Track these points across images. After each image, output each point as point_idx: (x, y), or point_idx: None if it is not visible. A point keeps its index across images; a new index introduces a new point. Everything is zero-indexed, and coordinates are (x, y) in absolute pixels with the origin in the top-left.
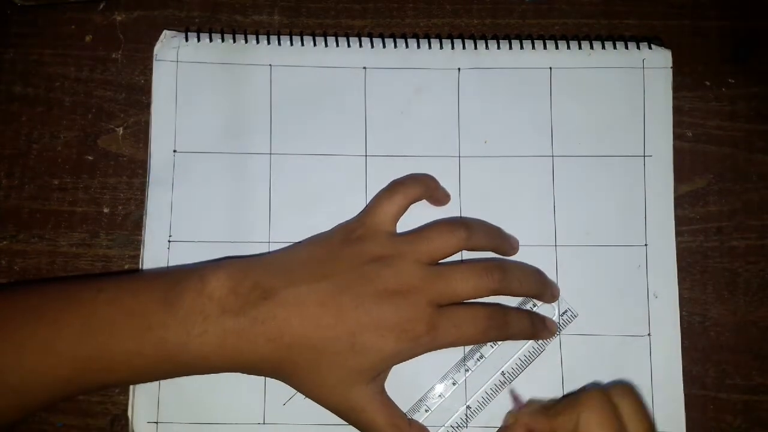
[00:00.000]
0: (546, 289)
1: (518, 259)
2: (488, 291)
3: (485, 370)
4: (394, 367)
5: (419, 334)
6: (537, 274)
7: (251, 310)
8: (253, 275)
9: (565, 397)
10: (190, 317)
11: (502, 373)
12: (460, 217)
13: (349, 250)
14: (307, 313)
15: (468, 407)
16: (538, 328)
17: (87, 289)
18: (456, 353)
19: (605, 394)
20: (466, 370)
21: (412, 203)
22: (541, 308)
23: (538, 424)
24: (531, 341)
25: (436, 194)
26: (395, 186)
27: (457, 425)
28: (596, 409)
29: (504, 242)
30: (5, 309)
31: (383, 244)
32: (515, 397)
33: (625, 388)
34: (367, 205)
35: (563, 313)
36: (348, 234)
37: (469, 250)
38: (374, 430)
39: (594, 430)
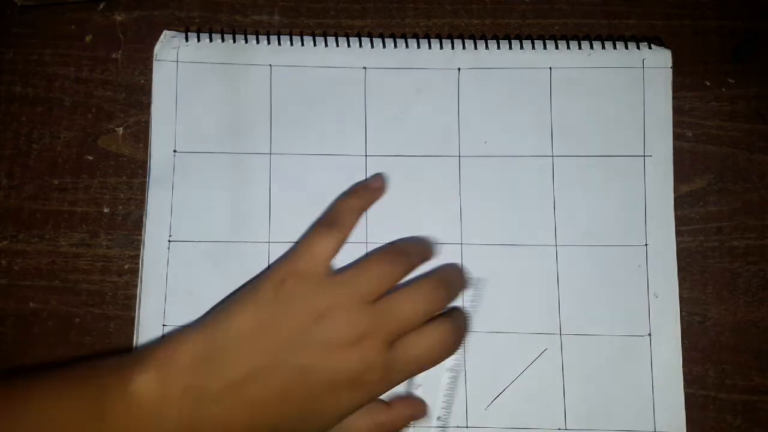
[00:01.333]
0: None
1: (518, 260)
2: (439, 310)
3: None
4: None
5: (375, 382)
6: (461, 271)
7: (186, 417)
8: (181, 375)
9: None
10: (123, 430)
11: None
12: (392, 242)
13: (283, 310)
14: (251, 405)
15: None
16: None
17: (15, 398)
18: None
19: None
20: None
21: (348, 237)
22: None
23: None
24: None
25: (369, 203)
26: (329, 221)
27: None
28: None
29: (429, 251)
30: None
31: (321, 293)
32: None
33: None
34: (297, 243)
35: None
36: (278, 286)
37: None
38: None
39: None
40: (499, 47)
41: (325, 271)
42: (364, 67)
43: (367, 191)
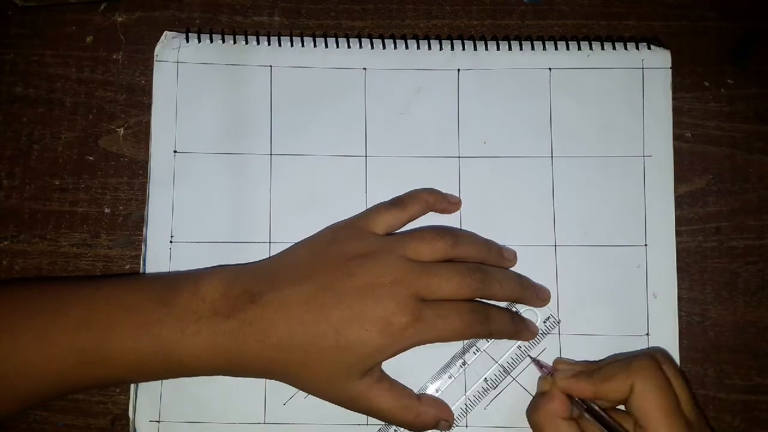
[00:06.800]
0: (528, 293)
1: (517, 259)
2: (470, 290)
3: (483, 362)
4: (391, 363)
5: (403, 326)
6: (518, 278)
7: (240, 313)
8: (242, 281)
9: (604, 359)
10: (184, 316)
11: (502, 367)
12: (459, 228)
13: (333, 249)
14: (291, 314)
15: (467, 398)
16: (520, 328)
17: (86, 287)
18: (452, 348)
19: (657, 362)
20: (463, 364)
21: (409, 221)
22: (524, 314)
23: (579, 388)
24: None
25: (440, 207)
26: (396, 200)
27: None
28: (653, 379)
29: (491, 253)
30: (3, 301)
31: (369, 242)
32: (541, 365)
33: (667, 354)
34: (363, 211)
35: (546, 319)
36: (335, 234)
37: (455, 258)
38: (383, 415)
39: (652, 400)
40: (498, 48)
41: (379, 231)
42: (364, 68)
43: (442, 196)
